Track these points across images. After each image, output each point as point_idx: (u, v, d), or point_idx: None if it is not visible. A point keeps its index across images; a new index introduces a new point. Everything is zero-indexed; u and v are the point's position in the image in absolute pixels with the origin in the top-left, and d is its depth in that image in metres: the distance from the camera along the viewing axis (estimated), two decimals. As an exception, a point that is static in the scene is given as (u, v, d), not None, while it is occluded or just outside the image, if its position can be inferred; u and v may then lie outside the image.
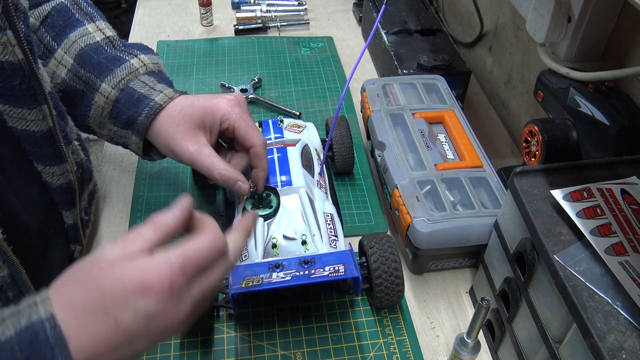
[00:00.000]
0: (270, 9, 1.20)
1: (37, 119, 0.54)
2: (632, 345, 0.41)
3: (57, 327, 0.37)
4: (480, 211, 0.66)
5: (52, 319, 0.37)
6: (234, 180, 0.61)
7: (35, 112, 0.54)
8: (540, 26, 0.68)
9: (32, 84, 0.52)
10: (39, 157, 0.56)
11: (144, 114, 0.63)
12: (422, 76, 0.88)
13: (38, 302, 0.38)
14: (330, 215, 0.66)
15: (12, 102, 0.51)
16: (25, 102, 0.53)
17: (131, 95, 0.64)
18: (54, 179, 0.59)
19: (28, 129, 0.54)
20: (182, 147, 0.61)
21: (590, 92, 0.65)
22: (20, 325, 0.37)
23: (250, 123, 0.64)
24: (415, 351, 0.63)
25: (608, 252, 0.46)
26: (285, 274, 0.57)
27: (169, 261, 0.41)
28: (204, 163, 0.61)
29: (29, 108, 0.53)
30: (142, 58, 0.68)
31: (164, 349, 0.62)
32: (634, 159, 0.57)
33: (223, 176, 0.61)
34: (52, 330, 0.37)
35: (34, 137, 0.54)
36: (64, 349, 0.37)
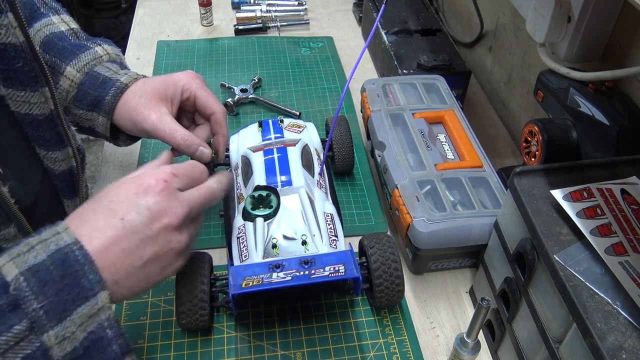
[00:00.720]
0: (270, 9, 1.20)
1: (39, 101, 0.55)
2: (632, 345, 0.41)
3: (84, 248, 0.42)
4: (480, 211, 0.66)
5: (78, 242, 0.43)
6: (196, 145, 0.63)
7: (38, 95, 0.55)
8: (540, 26, 0.68)
9: (34, 65, 0.54)
10: (42, 141, 0.57)
11: (110, 93, 0.65)
12: (422, 76, 0.88)
13: (61, 232, 0.43)
14: (330, 215, 0.66)
15: (16, 85, 0.52)
16: (29, 85, 0.54)
17: (96, 78, 0.66)
18: (56, 165, 0.60)
19: (31, 112, 0.55)
20: (144, 115, 0.63)
21: (590, 92, 0.65)
22: (50, 250, 0.41)
23: (210, 93, 0.66)
24: (415, 351, 0.63)
25: (608, 252, 0.46)
26: (286, 274, 0.57)
27: (162, 168, 0.51)
28: (166, 129, 0.62)
29: (32, 90, 0.54)
30: (105, 47, 0.70)
31: (163, 349, 0.62)
32: (634, 159, 0.57)
33: (186, 141, 0.62)
34: (79, 251, 0.42)
35: (37, 120, 0.56)
36: (93, 265, 0.42)
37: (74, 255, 0.41)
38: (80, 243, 0.42)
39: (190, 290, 0.59)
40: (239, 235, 0.63)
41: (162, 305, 0.66)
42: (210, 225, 0.76)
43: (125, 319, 0.65)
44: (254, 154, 0.71)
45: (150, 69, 1.05)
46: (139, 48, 1.11)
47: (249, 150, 0.72)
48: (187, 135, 0.62)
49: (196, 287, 0.59)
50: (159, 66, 1.05)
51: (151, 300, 0.67)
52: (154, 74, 1.03)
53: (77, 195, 0.65)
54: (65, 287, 0.40)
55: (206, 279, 0.60)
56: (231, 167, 0.73)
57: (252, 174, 0.69)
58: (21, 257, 0.41)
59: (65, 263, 0.41)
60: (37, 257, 0.41)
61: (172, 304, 0.66)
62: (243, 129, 0.77)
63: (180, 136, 0.62)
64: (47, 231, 0.43)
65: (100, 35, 0.74)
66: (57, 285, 0.40)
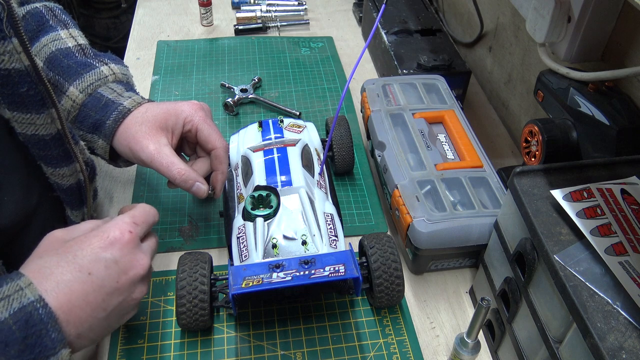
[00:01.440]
0: (270, 9, 1.20)
1: (45, 122, 0.54)
2: (632, 345, 0.41)
3: (47, 306, 0.42)
4: (480, 211, 0.66)
5: (41, 299, 0.42)
6: (193, 180, 0.62)
7: (44, 117, 0.54)
8: (540, 26, 0.68)
9: (40, 89, 0.53)
10: (48, 160, 0.57)
11: (112, 117, 0.63)
12: (422, 76, 0.88)
13: (23, 287, 0.42)
14: (330, 215, 0.66)
15: (21, 109, 0.52)
16: (34, 108, 0.53)
17: (99, 100, 0.65)
18: (64, 180, 0.59)
19: (37, 133, 0.54)
20: (142, 145, 0.61)
21: (590, 92, 0.65)
22: (13, 308, 0.41)
23: (213, 127, 0.65)
24: (415, 351, 0.63)
25: (608, 252, 0.46)
26: (286, 274, 0.57)
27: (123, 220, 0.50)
28: (163, 161, 0.61)
29: (38, 113, 0.53)
30: (112, 67, 0.69)
31: (163, 349, 0.62)
32: (634, 159, 0.57)
33: (182, 175, 0.61)
34: (43, 309, 0.42)
35: (43, 140, 0.55)
36: (56, 323, 0.42)
37: (37, 314, 0.41)
38: (44, 300, 0.42)
39: (190, 290, 0.59)
40: (239, 235, 0.63)
41: (162, 305, 0.66)
42: (210, 225, 0.76)
43: (125, 319, 0.65)
44: (254, 154, 0.71)
45: (150, 69, 1.05)
46: (139, 48, 1.11)
47: (249, 150, 0.72)
48: (184, 169, 0.61)
49: (196, 287, 0.59)
50: (159, 66, 1.05)
51: (151, 300, 0.67)
52: (154, 74, 1.03)
53: (84, 205, 0.65)
54: (27, 347, 0.40)
55: (206, 279, 0.60)
56: (231, 167, 0.73)
57: (252, 174, 0.69)
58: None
59: (28, 323, 0.40)
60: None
61: (172, 304, 0.66)
62: (243, 129, 0.77)
63: (177, 170, 0.61)
64: (10, 285, 0.42)
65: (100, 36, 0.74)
66: (19, 346, 0.40)
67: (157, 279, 0.69)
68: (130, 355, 0.61)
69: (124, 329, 0.64)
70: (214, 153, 0.64)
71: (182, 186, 0.62)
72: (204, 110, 0.66)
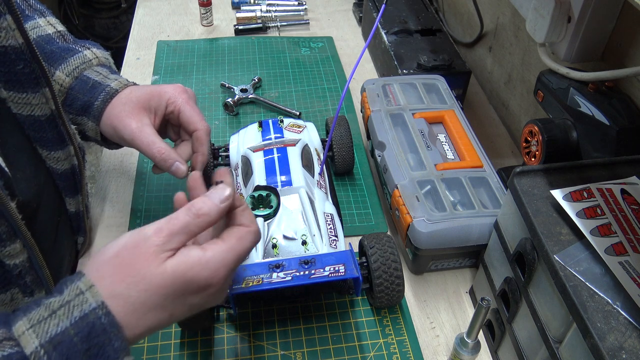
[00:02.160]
0: (270, 9, 1.20)
1: (40, 102, 0.55)
2: (632, 345, 0.41)
3: (110, 314, 0.39)
4: (480, 211, 0.66)
5: (104, 307, 0.39)
6: (172, 160, 0.61)
7: (39, 96, 0.54)
8: (540, 26, 0.68)
9: (34, 67, 0.53)
10: (44, 142, 0.57)
11: (100, 98, 0.63)
12: (422, 76, 0.88)
13: (84, 291, 0.39)
14: (330, 215, 0.66)
15: (17, 88, 0.52)
16: (30, 86, 0.53)
17: (86, 83, 0.65)
18: (59, 164, 0.60)
19: (33, 113, 0.54)
20: (125, 123, 0.61)
21: (590, 92, 0.65)
22: (74, 317, 0.38)
23: (195, 109, 0.64)
24: (415, 351, 0.63)
25: (608, 252, 0.46)
26: (286, 274, 0.57)
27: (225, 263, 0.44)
28: (144, 140, 0.61)
29: (33, 92, 0.54)
30: (94, 51, 0.69)
31: (163, 349, 0.62)
32: (634, 159, 0.57)
33: (162, 154, 0.60)
34: (106, 317, 0.39)
35: (38, 122, 0.55)
36: (119, 332, 0.39)
37: (99, 324, 0.38)
38: (106, 307, 0.39)
39: (190, 290, 0.59)
40: (239, 235, 0.63)
41: None
42: (210, 225, 0.76)
43: (125, 319, 0.65)
44: (254, 154, 0.71)
45: (150, 69, 1.05)
46: (139, 48, 1.11)
47: (249, 150, 0.72)
48: (164, 149, 0.60)
49: (196, 287, 0.59)
50: (159, 66, 1.05)
51: (151, 300, 0.67)
52: (154, 74, 1.03)
53: (79, 193, 0.65)
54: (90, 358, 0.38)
55: (206, 279, 0.60)
56: (231, 167, 0.73)
57: (252, 174, 0.69)
58: (42, 324, 0.38)
59: (90, 335, 0.38)
60: (59, 326, 0.38)
61: (172, 304, 0.66)
62: (243, 129, 0.77)
63: (157, 149, 0.60)
64: (69, 290, 0.40)
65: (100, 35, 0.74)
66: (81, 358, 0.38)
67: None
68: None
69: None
70: (195, 135, 0.63)
71: (162, 165, 0.61)
72: (188, 93, 0.66)
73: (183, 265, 0.42)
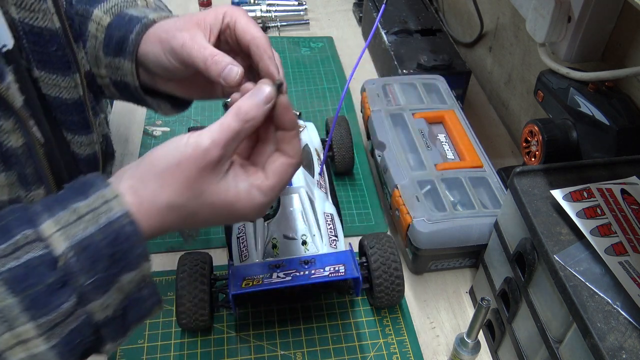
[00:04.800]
0: (270, 9, 1.20)
1: (69, 86, 0.55)
2: (632, 345, 0.41)
3: (134, 223, 0.40)
4: (480, 211, 0.66)
5: (129, 215, 0.40)
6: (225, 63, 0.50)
7: (69, 80, 0.55)
8: (540, 26, 0.68)
9: (67, 52, 0.54)
10: (69, 125, 0.58)
11: (135, 30, 0.56)
12: (422, 76, 0.88)
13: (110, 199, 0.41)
14: (330, 215, 0.66)
15: (48, 69, 0.53)
16: (60, 69, 0.54)
17: (123, 18, 0.58)
18: (82, 149, 0.60)
19: (61, 96, 0.55)
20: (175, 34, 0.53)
21: (590, 92, 0.65)
22: (101, 223, 0.40)
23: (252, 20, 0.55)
24: (415, 351, 0.63)
25: (608, 252, 0.46)
26: (286, 274, 0.57)
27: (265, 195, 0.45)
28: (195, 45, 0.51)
29: (63, 75, 0.54)
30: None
31: (163, 349, 0.62)
32: (634, 159, 0.57)
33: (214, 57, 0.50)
34: (130, 226, 0.40)
35: (65, 104, 0.56)
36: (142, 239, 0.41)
37: (124, 232, 0.40)
38: (131, 216, 0.40)
39: (190, 290, 0.59)
40: (239, 235, 0.63)
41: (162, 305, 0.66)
42: (210, 225, 0.76)
43: (125, 319, 0.65)
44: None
45: (150, 69, 1.04)
46: (139, 48, 1.11)
47: (249, 150, 0.72)
48: (218, 52, 0.50)
49: (196, 287, 0.59)
50: (159, 66, 1.05)
51: (151, 300, 0.67)
52: (154, 74, 1.03)
53: None
54: (114, 262, 0.40)
55: (206, 279, 0.60)
56: None
57: (252, 174, 0.69)
58: (70, 227, 0.39)
59: (116, 240, 0.40)
60: (86, 230, 0.39)
61: (172, 304, 0.66)
62: (243, 129, 0.77)
63: (209, 52, 0.50)
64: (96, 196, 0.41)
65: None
66: (106, 262, 0.39)
67: (157, 279, 0.69)
68: (130, 355, 0.61)
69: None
70: (253, 42, 0.52)
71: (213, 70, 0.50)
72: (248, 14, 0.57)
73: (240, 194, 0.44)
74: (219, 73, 0.50)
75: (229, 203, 0.44)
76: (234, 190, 0.44)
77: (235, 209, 0.44)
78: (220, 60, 0.50)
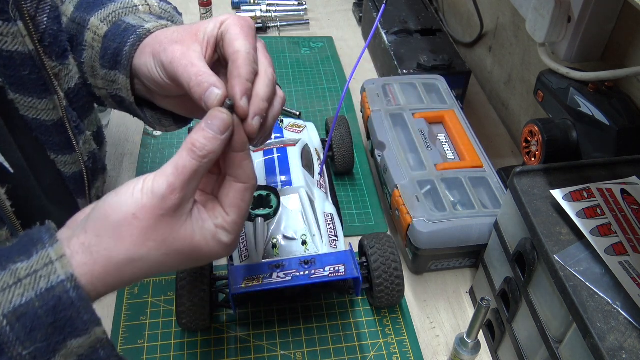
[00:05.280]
0: (270, 9, 1.20)
1: (47, 108, 0.54)
2: (632, 345, 0.41)
3: (79, 287, 0.36)
4: (480, 211, 0.66)
5: (73, 279, 0.37)
6: (208, 84, 0.44)
7: (46, 102, 0.54)
8: (540, 26, 0.68)
9: (43, 74, 0.52)
10: (51, 145, 0.56)
11: (129, 42, 0.52)
12: (422, 76, 0.88)
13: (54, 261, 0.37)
14: (330, 215, 0.66)
15: (23, 91, 0.52)
16: (36, 92, 0.52)
17: (119, 27, 0.54)
18: (67, 167, 0.59)
19: (39, 118, 0.54)
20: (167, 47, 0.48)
21: (590, 92, 0.65)
22: (40, 288, 0.36)
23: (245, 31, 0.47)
24: (415, 351, 0.63)
25: (608, 252, 0.46)
26: (286, 274, 0.57)
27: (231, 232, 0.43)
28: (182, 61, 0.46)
29: (39, 97, 0.53)
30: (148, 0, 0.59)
31: (163, 349, 0.62)
32: (634, 159, 0.57)
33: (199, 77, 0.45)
34: (75, 291, 0.36)
35: (45, 126, 0.54)
36: (89, 307, 0.37)
37: (67, 298, 0.36)
38: (75, 280, 0.36)
39: (190, 290, 0.59)
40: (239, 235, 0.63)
41: (162, 305, 0.66)
42: (210, 225, 0.76)
43: (125, 319, 0.65)
44: (253, 154, 0.71)
45: (150, 69, 1.04)
46: (139, 48, 1.11)
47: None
48: (203, 71, 0.45)
49: (196, 287, 0.59)
50: (159, 66, 1.05)
51: (151, 300, 0.67)
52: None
53: (84, 197, 0.64)
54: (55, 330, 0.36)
55: (206, 279, 0.60)
56: None
57: (252, 174, 0.69)
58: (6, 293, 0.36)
59: (56, 308, 0.36)
60: (24, 296, 0.36)
61: (172, 304, 0.66)
62: (243, 129, 0.77)
63: (195, 71, 0.45)
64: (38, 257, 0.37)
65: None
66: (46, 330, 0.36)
67: (157, 279, 0.69)
68: (130, 355, 0.61)
69: (124, 329, 0.64)
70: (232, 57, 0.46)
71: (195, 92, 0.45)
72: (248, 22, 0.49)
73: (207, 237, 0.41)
74: (200, 96, 0.45)
75: (196, 248, 0.41)
76: (200, 234, 0.41)
77: (204, 253, 0.42)
78: (203, 81, 0.45)
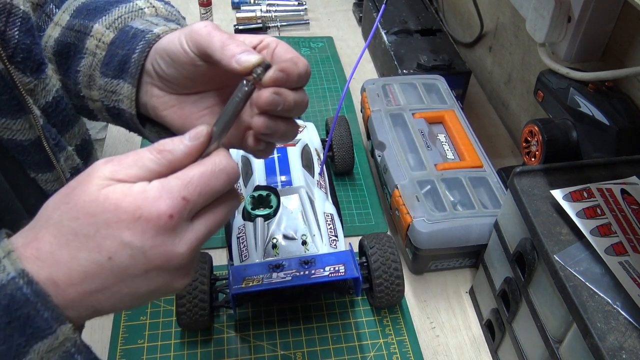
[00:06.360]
0: (270, 9, 1.20)
1: (23, 128, 0.51)
2: (632, 345, 0.41)
3: (33, 282, 0.34)
4: (480, 211, 0.66)
5: (25, 274, 0.34)
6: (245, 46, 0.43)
7: (21, 122, 0.51)
8: (540, 26, 0.68)
9: (15, 93, 0.49)
10: (30, 165, 0.54)
11: (138, 49, 0.49)
12: (422, 76, 0.88)
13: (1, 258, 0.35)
14: (330, 215, 0.66)
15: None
16: (9, 112, 0.49)
17: (127, 33, 0.51)
18: (49, 185, 0.57)
19: (15, 138, 0.51)
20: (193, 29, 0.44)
21: (590, 92, 0.65)
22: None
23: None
24: (415, 351, 0.63)
25: (608, 252, 0.46)
26: (286, 274, 0.57)
27: (169, 190, 0.36)
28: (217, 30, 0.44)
29: (13, 118, 0.50)
30: (151, 1, 0.56)
31: (163, 349, 0.62)
32: (634, 159, 0.57)
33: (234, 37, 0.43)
34: (28, 287, 0.34)
35: (22, 146, 0.52)
36: (47, 301, 0.34)
37: (21, 294, 0.34)
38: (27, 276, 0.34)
39: (190, 290, 0.59)
40: (239, 235, 0.63)
41: (162, 305, 0.66)
42: (210, 225, 0.76)
43: (125, 319, 0.65)
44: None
45: (150, 69, 1.04)
46: (139, 48, 1.11)
47: (249, 150, 0.72)
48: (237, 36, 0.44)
49: (196, 287, 0.59)
50: (159, 66, 1.05)
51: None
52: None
53: None
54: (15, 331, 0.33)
55: (206, 279, 0.60)
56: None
57: (252, 174, 0.69)
58: None
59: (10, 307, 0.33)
60: None
61: (172, 304, 0.66)
62: (243, 129, 0.77)
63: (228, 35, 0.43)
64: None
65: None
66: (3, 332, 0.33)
67: (157, 279, 0.69)
68: (130, 355, 0.61)
69: (124, 329, 0.64)
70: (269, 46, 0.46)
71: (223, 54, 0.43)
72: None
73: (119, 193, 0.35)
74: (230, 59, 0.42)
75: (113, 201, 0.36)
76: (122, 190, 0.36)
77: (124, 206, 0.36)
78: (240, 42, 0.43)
